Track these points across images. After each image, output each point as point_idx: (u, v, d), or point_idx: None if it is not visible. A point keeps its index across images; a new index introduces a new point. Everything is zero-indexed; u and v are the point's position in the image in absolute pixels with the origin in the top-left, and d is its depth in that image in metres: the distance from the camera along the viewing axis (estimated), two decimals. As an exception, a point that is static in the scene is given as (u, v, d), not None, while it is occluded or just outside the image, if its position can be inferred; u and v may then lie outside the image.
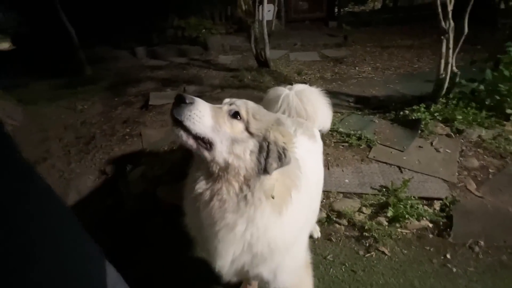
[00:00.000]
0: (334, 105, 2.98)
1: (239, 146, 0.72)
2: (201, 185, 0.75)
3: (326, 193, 1.84)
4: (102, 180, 2.38)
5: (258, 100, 3.93)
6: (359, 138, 2.35)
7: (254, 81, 4.16)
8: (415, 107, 2.69)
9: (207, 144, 0.72)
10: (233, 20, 7.97)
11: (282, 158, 0.73)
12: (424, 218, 1.65)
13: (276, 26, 7.11)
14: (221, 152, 0.71)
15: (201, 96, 3.67)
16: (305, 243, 1.01)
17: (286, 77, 4.19)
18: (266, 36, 4.07)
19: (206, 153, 0.72)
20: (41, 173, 2.26)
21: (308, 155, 1.08)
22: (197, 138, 0.72)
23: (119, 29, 7.82)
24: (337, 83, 3.85)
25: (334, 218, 1.70)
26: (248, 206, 0.72)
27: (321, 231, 1.65)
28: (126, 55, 6.97)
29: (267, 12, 4.85)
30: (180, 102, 0.70)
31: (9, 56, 7.65)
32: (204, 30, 7.27)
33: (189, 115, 0.69)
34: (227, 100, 0.83)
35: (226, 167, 0.71)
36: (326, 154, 2.24)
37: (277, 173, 0.76)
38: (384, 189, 1.83)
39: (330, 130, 2.50)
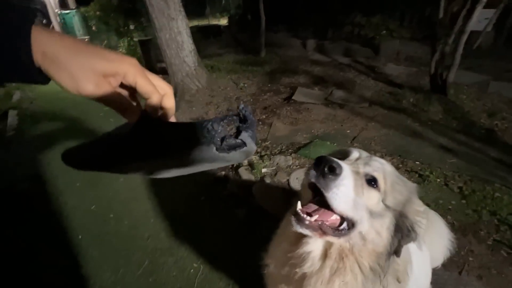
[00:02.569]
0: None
1: (377, 220, 0.61)
2: (314, 263, 0.65)
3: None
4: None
5: (408, 132, 3.18)
6: (551, 259, 1.42)
7: (415, 106, 3.35)
8: None
9: (349, 223, 0.62)
10: (428, 23, 6.58)
11: (411, 234, 0.62)
12: None
13: (488, 39, 5.26)
14: (361, 229, 0.61)
15: (343, 105, 3.39)
16: None
17: (465, 114, 3.08)
18: (458, 55, 3.07)
19: (340, 239, 0.62)
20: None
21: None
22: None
23: (304, 19, 8.43)
24: (560, 150, 2.42)
25: None
26: None
27: None
28: (298, 45, 7.48)
29: (480, 21, 3.62)
30: (325, 170, 0.57)
31: (223, 30, 10.06)
32: (385, 31, 6.49)
33: (336, 193, 0.57)
34: (355, 154, 0.69)
35: (362, 244, 0.62)
36: (468, 251, 1.54)
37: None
38: None
39: (497, 219, 1.70)
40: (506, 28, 5.28)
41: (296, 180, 2.17)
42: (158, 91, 0.39)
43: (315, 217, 0.60)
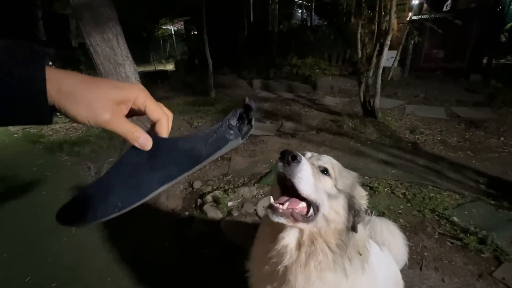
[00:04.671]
0: (453, 182, 2.38)
1: (334, 201, 0.73)
2: (291, 254, 0.74)
3: (407, 304, 1.38)
4: (187, 193, 2.69)
5: (353, 152, 3.57)
6: (482, 241, 1.68)
7: (354, 130, 3.83)
8: None
9: (314, 207, 0.72)
10: (350, 62, 7.90)
11: (360, 213, 0.76)
12: None
13: (397, 73, 6.52)
14: (324, 211, 0.72)
15: (294, 134, 3.66)
16: None
17: (394, 132, 3.65)
18: (379, 85, 3.73)
19: (309, 224, 0.73)
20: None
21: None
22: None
23: (247, 62, 9.22)
24: (465, 153, 3.01)
25: None
26: (345, 261, 0.73)
27: None
28: (245, 85, 8.03)
29: (387, 59, 4.51)
30: (289, 159, 0.69)
31: (170, 75, 10.21)
32: (318, 70, 7.50)
33: (299, 176, 0.69)
34: (309, 154, 0.83)
35: (327, 225, 0.72)
36: (423, 247, 1.72)
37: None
38: None
39: (437, 216, 1.96)
40: (406, 64, 6.66)
41: (263, 209, 2.19)
42: (166, 114, 0.42)
43: (286, 204, 0.71)
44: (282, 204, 0.72)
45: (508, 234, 1.75)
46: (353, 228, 0.74)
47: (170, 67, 12.65)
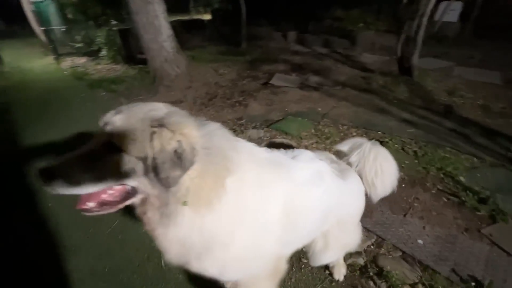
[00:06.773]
0: (478, 147, 2.19)
1: (130, 180, 0.66)
2: (137, 208, 0.77)
3: (378, 239, 1.43)
4: (201, 131, 2.87)
5: (375, 109, 3.38)
6: (483, 201, 1.59)
7: (384, 87, 3.54)
8: None
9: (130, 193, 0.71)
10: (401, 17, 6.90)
11: (181, 161, 0.63)
12: None
13: (454, 29, 5.59)
14: (133, 184, 0.68)
15: (318, 88, 3.55)
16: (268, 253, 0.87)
17: (428, 93, 3.29)
18: (420, 38, 3.28)
19: (130, 200, 0.73)
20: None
21: (311, 174, 0.93)
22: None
23: (285, 14, 8.58)
24: (506, 120, 2.64)
25: (372, 273, 1.31)
26: (166, 218, 0.71)
27: (347, 277, 1.32)
28: (279, 37, 7.62)
29: (448, 12, 3.86)
30: (45, 180, 0.63)
31: (207, 24, 10.04)
32: (362, 24, 6.73)
33: (62, 191, 0.64)
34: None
35: (146, 193, 0.70)
36: (414, 199, 1.69)
37: (196, 170, 0.67)
38: (473, 283, 1.20)
39: (442, 174, 1.87)
40: (471, 19, 5.63)
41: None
42: None
43: (92, 202, 0.70)
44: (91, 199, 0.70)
45: (517, 199, 1.62)
46: (165, 186, 0.65)
47: (207, 16, 12.33)
